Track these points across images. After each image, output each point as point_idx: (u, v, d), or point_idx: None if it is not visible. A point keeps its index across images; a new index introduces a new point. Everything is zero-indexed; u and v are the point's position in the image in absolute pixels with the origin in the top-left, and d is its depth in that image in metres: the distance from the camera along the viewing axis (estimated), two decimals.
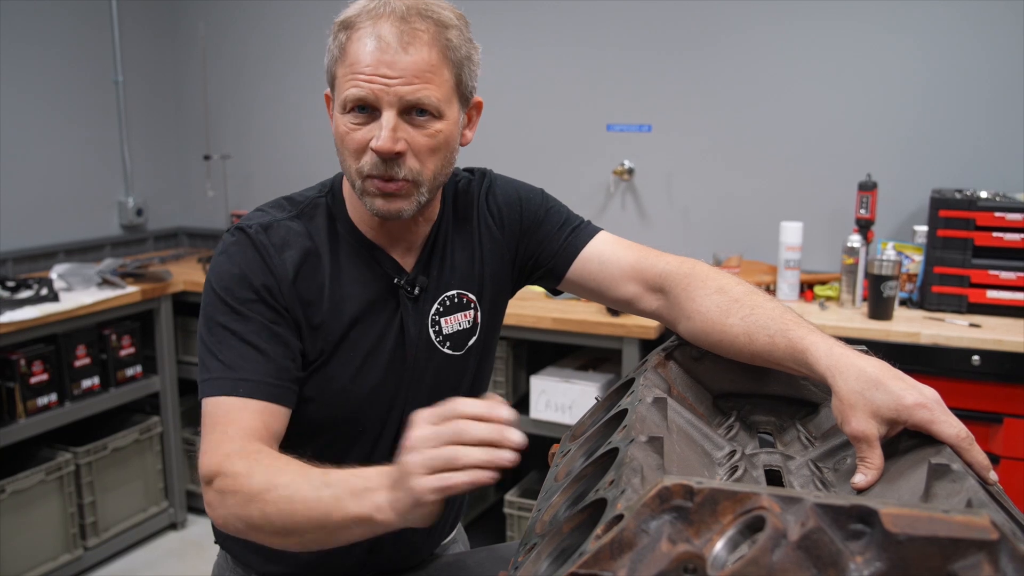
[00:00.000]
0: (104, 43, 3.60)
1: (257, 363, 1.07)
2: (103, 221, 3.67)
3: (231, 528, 0.96)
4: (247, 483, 0.93)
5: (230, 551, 1.31)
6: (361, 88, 1.05)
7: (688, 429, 1.00)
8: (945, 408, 0.85)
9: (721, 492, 0.65)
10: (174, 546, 3.25)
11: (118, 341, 3.05)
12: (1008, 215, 2.44)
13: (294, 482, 0.91)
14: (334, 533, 0.89)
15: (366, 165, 1.08)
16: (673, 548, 0.62)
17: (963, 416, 2.48)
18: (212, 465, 0.98)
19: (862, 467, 0.86)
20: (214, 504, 0.98)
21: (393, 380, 1.20)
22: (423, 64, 1.05)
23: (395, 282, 1.19)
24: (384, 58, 1.04)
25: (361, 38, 1.05)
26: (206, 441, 1.02)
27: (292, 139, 3.75)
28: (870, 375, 0.88)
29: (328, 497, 0.87)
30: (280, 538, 0.93)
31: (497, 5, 3.24)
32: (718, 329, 1.08)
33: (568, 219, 1.31)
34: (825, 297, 2.68)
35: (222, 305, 1.09)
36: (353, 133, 1.08)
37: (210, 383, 1.06)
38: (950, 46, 2.71)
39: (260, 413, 1.05)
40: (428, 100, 1.06)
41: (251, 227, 1.13)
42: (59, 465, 2.83)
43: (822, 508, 0.62)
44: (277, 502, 0.90)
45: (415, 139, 1.07)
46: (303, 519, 0.89)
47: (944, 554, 0.59)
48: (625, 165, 3.15)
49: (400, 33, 1.04)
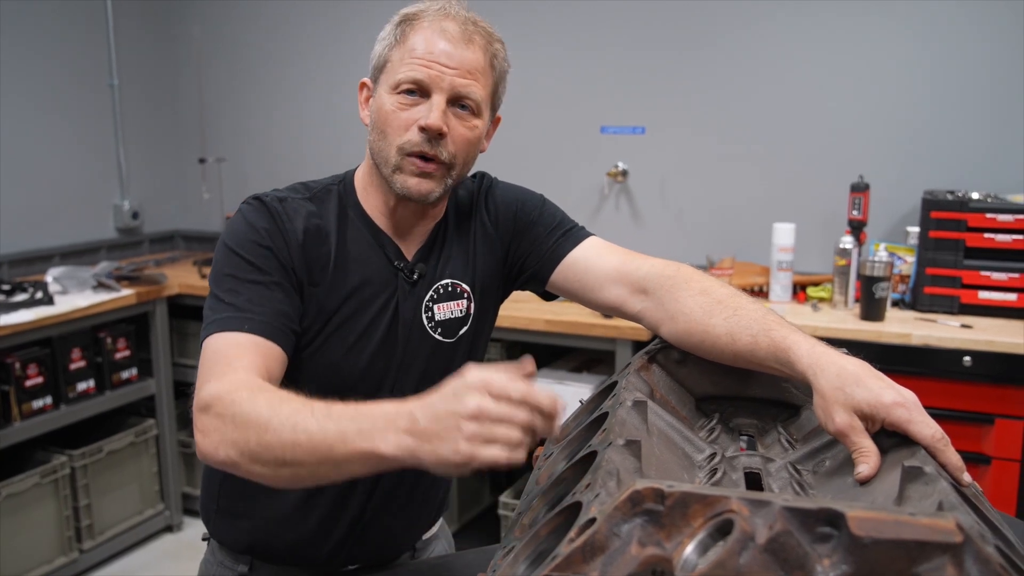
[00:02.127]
0: (99, 47, 3.60)
1: (262, 306, 1.10)
2: (99, 224, 3.68)
3: (220, 457, 0.95)
4: (250, 408, 0.93)
5: (220, 538, 1.32)
6: (419, 72, 1.13)
7: (669, 432, 1.01)
8: (922, 409, 0.86)
9: (691, 495, 0.66)
10: (170, 548, 3.26)
11: (113, 344, 3.06)
12: (999, 216, 2.44)
13: (298, 411, 0.90)
14: (336, 467, 0.88)
15: (409, 142, 1.14)
16: (642, 551, 0.63)
17: (954, 417, 2.47)
18: (213, 391, 0.97)
19: (859, 457, 0.87)
20: (207, 430, 0.96)
21: (383, 361, 1.22)
22: (476, 63, 1.16)
23: (395, 265, 1.23)
24: (445, 48, 1.14)
25: (426, 28, 1.15)
26: (208, 371, 1.02)
27: (287, 141, 3.76)
28: (850, 372, 0.90)
29: (333, 430, 0.87)
30: (273, 468, 0.91)
31: (492, 7, 3.24)
32: (701, 330, 1.09)
33: (560, 223, 1.33)
34: (818, 298, 2.69)
35: (234, 256, 1.13)
36: (400, 112, 1.15)
37: (216, 323, 1.08)
38: (942, 48, 2.72)
39: (263, 354, 1.06)
40: (474, 95, 1.16)
41: (267, 197, 1.19)
42: (54, 468, 2.84)
43: (790, 511, 0.63)
44: (278, 429, 0.90)
45: (456, 128, 1.16)
46: (304, 450, 0.88)
47: (909, 557, 0.60)
48: (619, 167, 3.16)
49: (462, 32, 1.15)
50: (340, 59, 3.57)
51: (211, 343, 1.07)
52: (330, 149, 3.61)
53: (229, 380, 0.99)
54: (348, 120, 3.52)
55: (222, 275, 1.13)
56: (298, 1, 3.64)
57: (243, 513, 1.26)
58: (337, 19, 3.57)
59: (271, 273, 1.13)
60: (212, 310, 1.10)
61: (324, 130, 3.64)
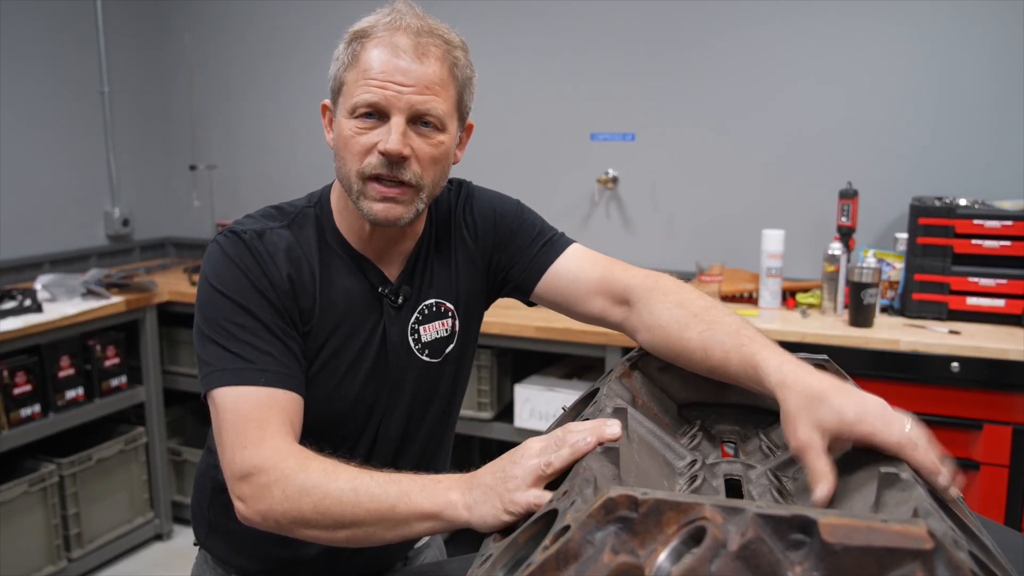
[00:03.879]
0: (90, 54, 3.60)
1: (271, 355, 1.08)
2: (89, 231, 3.67)
3: (268, 523, 0.98)
4: (303, 476, 0.96)
5: (211, 551, 1.33)
6: (374, 93, 1.08)
7: (650, 439, 1.01)
8: (888, 417, 0.84)
9: (665, 503, 0.66)
10: (160, 557, 3.24)
11: (103, 351, 3.05)
12: (987, 222, 2.45)
13: (358, 476, 0.94)
14: (395, 527, 0.92)
15: (369, 166, 1.10)
16: (615, 559, 0.63)
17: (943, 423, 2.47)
18: (256, 459, 0.99)
19: (813, 481, 0.84)
20: (251, 498, 0.99)
21: (374, 387, 1.22)
22: (434, 76, 1.10)
23: (380, 291, 1.21)
24: (399, 65, 1.08)
25: (376, 46, 1.09)
26: (240, 435, 1.02)
27: (278, 149, 3.76)
28: (815, 390, 0.88)
29: (395, 491, 0.92)
30: (329, 532, 0.95)
31: (480, 14, 3.26)
32: (676, 342, 1.09)
33: (540, 232, 1.32)
34: (807, 304, 2.69)
35: (225, 300, 1.10)
36: (359, 136, 1.10)
37: (226, 373, 1.06)
38: (930, 55, 2.74)
39: (285, 407, 1.06)
40: (435, 111, 1.10)
41: (245, 232, 1.15)
42: (43, 476, 2.82)
43: (763, 518, 0.63)
44: (338, 494, 0.93)
45: (419, 147, 1.11)
46: (365, 511, 0.92)
47: (880, 564, 0.59)
48: (609, 174, 3.16)
49: (415, 45, 1.09)
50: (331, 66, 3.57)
51: (227, 399, 1.05)
52: (320, 157, 3.59)
53: (269, 447, 1.00)
54: None
55: (214, 320, 1.10)
56: (289, 9, 3.65)
57: (233, 529, 1.26)
58: (328, 26, 3.56)
59: (266, 316, 1.11)
60: (214, 357, 1.08)
61: (314, 137, 3.64)
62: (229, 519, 1.27)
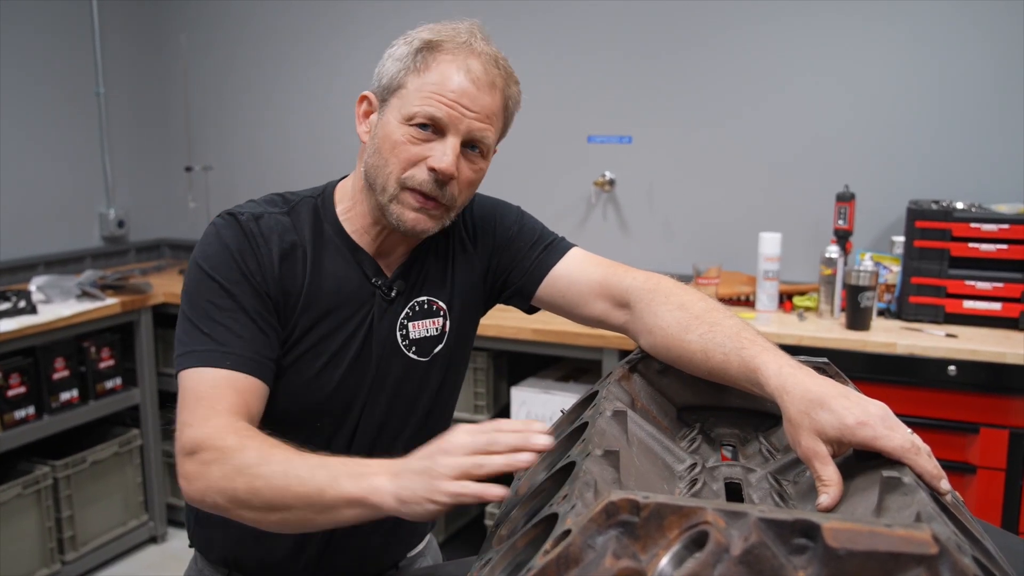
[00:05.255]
0: (86, 55, 3.59)
1: (242, 339, 1.09)
2: (84, 233, 3.66)
3: (208, 502, 0.97)
4: (239, 455, 0.95)
5: (204, 552, 1.32)
6: (439, 109, 1.09)
7: (650, 442, 1.00)
8: (890, 422, 0.84)
9: (667, 507, 0.65)
10: (154, 560, 3.23)
11: (97, 353, 3.03)
12: (984, 226, 2.45)
13: (289, 459, 0.93)
14: (323, 512, 0.90)
15: (412, 179, 1.12)
16: (616, 563, 0.62)
17: (939, 426, 2.47)
18: (198, 436, 0.99)
19: (820, 487, 0.85)
20: (193, 476, 0.98)
21: (356, 379, 1.21)
22: (494, 108, 1.14)
23: (373, 282, 1.21)
24: (470, 91, 1.10)
25: (451, 63, 1.11)
26: (191, 413, 1.03)
27: (274, 150, 3.75)
28: (815, 395, 0.88)
29: (324, 475, 0.90)
30: (262, 514, 0.94)
31: (477, 16, 3.25)
32: (677, 345, 1.09)
33: (541, 237, 1.32)
34: (804, 307, 2.69)
35: (209, 282, 1.11)
36: (410, 145, 1.11)
37: (194, 355, 1.07)
38: (927, 58, 2.74)
39: (243, 390, 1.06)
40: (486, 140, 1.14)
41: (242, 215, 1.16)
42: (37, 479, 2.81)
43: (766, 523, 0.62)
44: (269, 476, 0.92)
45: (463, 170, 1.14)
46: (294, 495, 0.90)
47: (884, 568, 0.59)
48: (606, 176, 3.16)
49: (487, 74, 1.12)
50: (328, 68, 3.56)
51: (190, 379, 1.06)
52: (317, 158, 3.60)
53: (213, 425, 1.00)
54: (335, 129, 3.51)
55: (197, 300, 1.11)
56: (285, 10, 3.64)
57: (219, 524, 1.25)
58: (325, 28, 3.56)
59: (248, 300, 1.11)
60: (188, 337, 1.09)
61: (311, 139, 3.64)
62: (220, 519, 1.26)
